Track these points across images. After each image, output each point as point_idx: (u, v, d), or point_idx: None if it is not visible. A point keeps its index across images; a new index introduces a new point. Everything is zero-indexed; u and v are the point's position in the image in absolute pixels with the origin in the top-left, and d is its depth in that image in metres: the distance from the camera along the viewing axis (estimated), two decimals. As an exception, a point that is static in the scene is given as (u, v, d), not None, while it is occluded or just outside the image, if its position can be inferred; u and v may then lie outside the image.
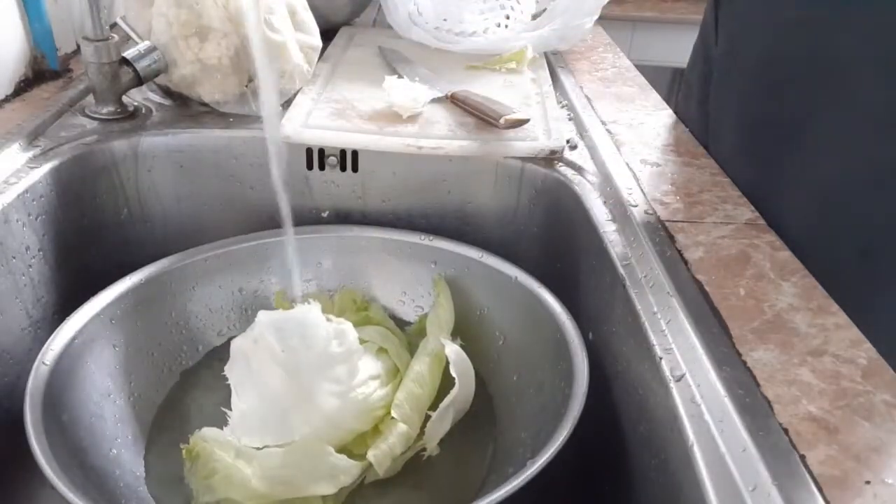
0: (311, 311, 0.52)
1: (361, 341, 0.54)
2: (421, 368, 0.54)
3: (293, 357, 0.49)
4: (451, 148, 0.65)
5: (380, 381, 0.52)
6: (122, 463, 0.50)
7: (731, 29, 0.67)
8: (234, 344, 0.50)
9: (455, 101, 0.72)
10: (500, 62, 0.85)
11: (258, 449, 0.47)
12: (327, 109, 0.70)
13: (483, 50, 0.88)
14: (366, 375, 0.52)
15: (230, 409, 0.50)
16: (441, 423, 0.51)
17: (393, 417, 0.50)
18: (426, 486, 0.51)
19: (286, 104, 0.70)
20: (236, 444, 0.47)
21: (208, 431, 0.48)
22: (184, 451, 0.48)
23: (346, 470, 0.47)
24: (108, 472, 0.48)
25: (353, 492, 0.49)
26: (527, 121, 0.66)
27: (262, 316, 0.51)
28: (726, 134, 0.66)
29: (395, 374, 0.54)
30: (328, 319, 0.52)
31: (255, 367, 0.49)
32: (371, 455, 0.48)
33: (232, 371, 0.51)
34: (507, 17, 0.92)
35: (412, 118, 0.68)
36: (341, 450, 0.48)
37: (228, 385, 0.54)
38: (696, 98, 0.74)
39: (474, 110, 0.69)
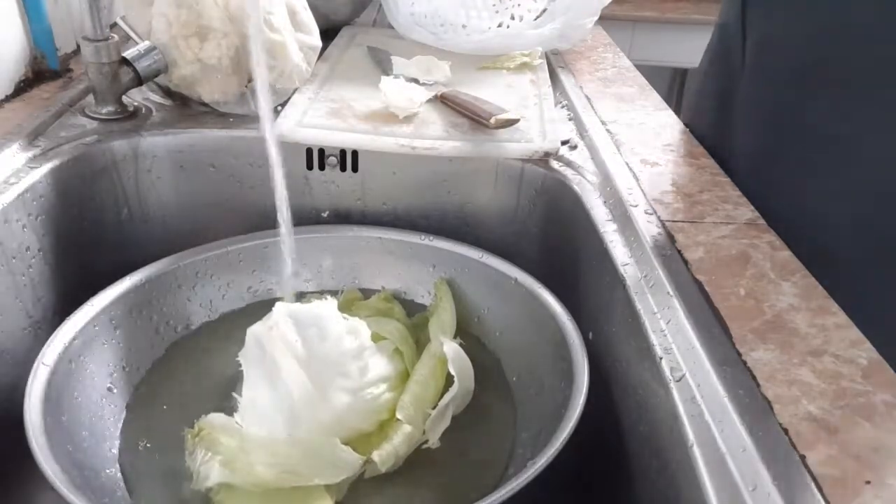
0: (327, 306, 0.52)
1: (380, 337, 0.55)
2: (424, 371, 0.54)
3: (307, 348, 0.49)
4: (444, 149, 0.65)
5: (389, 384, 0.52)
6: (122, 463, 0.50)
7: (763, 31, 0.65)
8: (250, 331, 0.51)
9: (444, 101, 0.72)
10: (511, 60, 0.86)
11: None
12: (323, 109, 0.70)
13: (485, 50, 0.88)
14: (377, 376, 0.52)
15: (240, 396, 0.51)
16: (441, 420, 0.52)
17: (398, 419, 0.50)
18: (428, 481, 0.51)
19: (283, 104, 0.71)
20: (242, 431, 0.47)
21: (215, 417, 0.48)
22: (188, 435, 0.48)
23: (350, 462, 0.47)
24: (107, 472, 0.48)
25: (355, 485, 0.49)
26: (517, 121, 0.66)
27: (280, 306, 0.51)
28: (753, 139, 0.64)
29: (404, 379, 0.54)
30: (343, 318, 0.53)
31: (268, 355, 0.49)
32: (376, 455, 0.48)
33: (245, 358, 0.51)
34: (512, 18, 0.92)
35: (408, 118, 0.68)
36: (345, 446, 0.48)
37: (227, 380, 0.55)
38: (712, 101, 0.72)
39: (463, 110, 0.69)
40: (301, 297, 0.62)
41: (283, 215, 0.57)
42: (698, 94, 0.77)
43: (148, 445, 0.52)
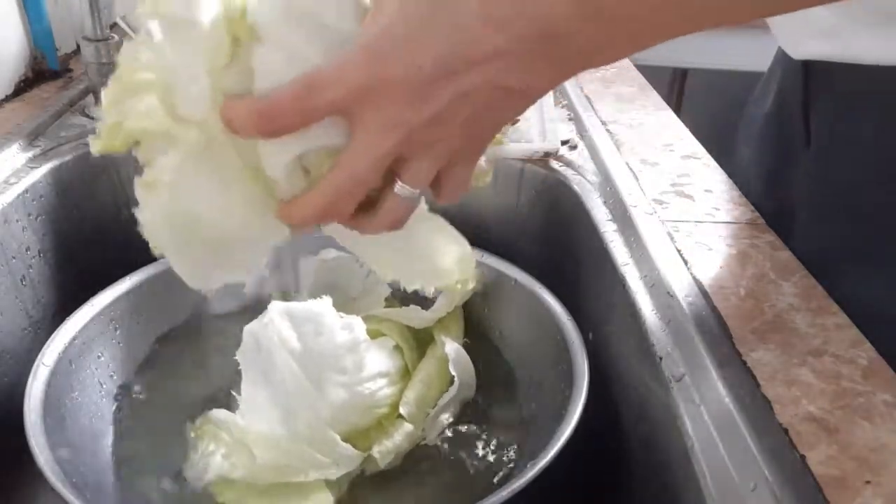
0: (323, 303, 0.52)
1: (379, 334, 0.55)
2: (430, 370, 0.54)
3: (303, 344, 0.49)
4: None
5: (388, 379, 0.53)
6: (122, 463, 0.50)
7: (830, 109, 0.54)
8: (247, 329, 0.51)
9: None
10: None
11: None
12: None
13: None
14: (375, 371, 0.52)
15: (239, 395, 0.51)
16: (441, 419, 0.52)
17: (400, 415, 0.51)
18: (428, 481, 0.51)
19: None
20: (242, 427, 0.48)
21: (216, 413, 0.49)
22: (189, 430, 0.48)
23: (349, 458, 0.47)
24: (107, 472, 0.48)
25: (356, 482, 0.49)
26: (517, 121, 0.66)
27: (275, 304, 0.51)
28: (819, 222, 0.54)
29: (404, 375, 0.54)
30: (340, 315, 0.53)
31: (265, 352, 0.49)
32: (376, 451, 0.48)
33: (243, 355, 0.51)
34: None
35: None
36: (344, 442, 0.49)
37: (227, 379, 0.55)
38: (767, 167, 0.61)
39: None
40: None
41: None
42: (759, 151, 0.64)
43: (148, 444, 0.52)
